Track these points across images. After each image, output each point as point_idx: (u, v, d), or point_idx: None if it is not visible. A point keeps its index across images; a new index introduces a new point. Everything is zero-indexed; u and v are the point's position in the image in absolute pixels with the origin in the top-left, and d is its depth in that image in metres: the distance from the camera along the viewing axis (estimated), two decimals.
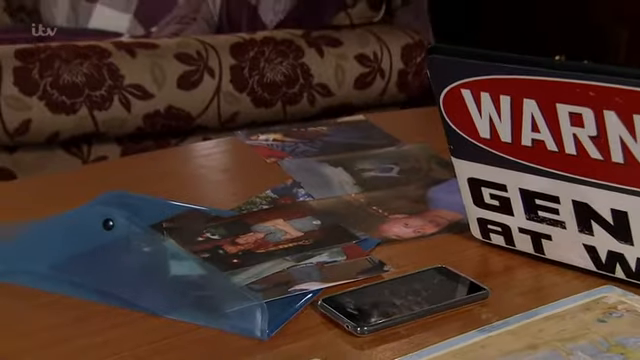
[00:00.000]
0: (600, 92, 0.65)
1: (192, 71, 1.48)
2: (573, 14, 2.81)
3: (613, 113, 0.65)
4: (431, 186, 0.94)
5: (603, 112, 0.65)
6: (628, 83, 0.63)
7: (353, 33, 1.65)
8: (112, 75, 1.43)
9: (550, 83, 0.67)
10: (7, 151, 1.43)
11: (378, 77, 1.63)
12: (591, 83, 0.65)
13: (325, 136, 1.10)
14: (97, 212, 0.72)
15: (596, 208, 0.71)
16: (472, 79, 0.71)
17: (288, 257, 0.77)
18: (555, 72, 0.67)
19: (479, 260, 0.80)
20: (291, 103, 1.55)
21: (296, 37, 1.59)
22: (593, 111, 0.66)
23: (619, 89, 0.63)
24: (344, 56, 1.60)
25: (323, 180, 0.95)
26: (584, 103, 0.66)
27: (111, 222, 0.70)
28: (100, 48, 1.45)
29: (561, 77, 0.66)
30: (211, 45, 1.52)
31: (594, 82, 0.65)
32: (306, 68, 1.56)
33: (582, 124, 0.67)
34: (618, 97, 0.64)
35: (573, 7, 2.81)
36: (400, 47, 1.66)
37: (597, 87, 0.65)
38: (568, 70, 0.66)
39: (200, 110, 1.49)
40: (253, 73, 1.52)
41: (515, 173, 0.74)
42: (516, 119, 0.71)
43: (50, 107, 1.38)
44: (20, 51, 1.39)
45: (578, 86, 0.66)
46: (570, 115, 0.67)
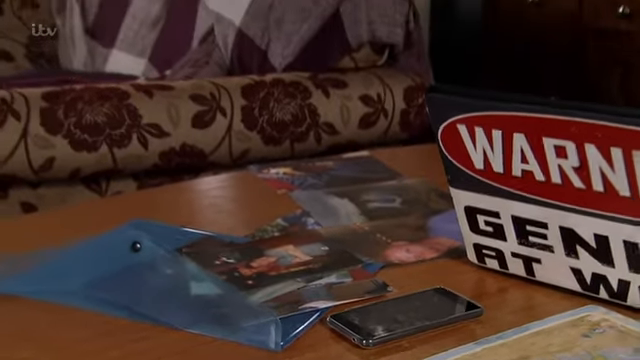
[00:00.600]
0: (581, 127, 0.71)
1: (205, 111, 1.55)
2: (569, 57, 2.88)
3: (593, 146, 0.71)
4: (431, 216, 1.00)
5: (584, 145, 0.71)
6: (606, 119, 0.69)
7: (358, 75, 1.72)
8: (131, 115, 1.49)
9: (537, 119, 0.73)
10: (31, 187, 1.49)
11: (381, 117, 1.69)
12: (573, 119, 0.71)
13: (332, 170, 1.16)
14: (125, 235, 0.78)
15: (580, 233, 0.77)
16: (467, 115, 0.77)
17: (298, 279, 0.83)
18: (541, 109, 0.73)
19: (475, 282, 0.85)
20: (299, 141, 1.62)
21: (304, 79, 1.66)
22: (575, 144, 0.72)
23: (598, 125, 0.70)
24: (349, 97, 1.66)
25: (330, 210, 1.01)
26: (567, 137, 0.72)
27: (138, 244, 0.76)
28: (120, 90, 1.52)
29: (547, 114, 0.73)
30: (223, 87, 1.59)
31: (576, 118, 0.71)
32: (313, 108, 1.62)
33: (566, 156, 0.73)
34: (597, 132, 0.70)
35: (569, 51, 2.89)
36: (402, 89, 1.73)
37: (579, 123, 0.71)
38: (553, 107, 0.72)
39: (213, 147, 1.56)
40: (263, 113, 1.58)
41: (507, 201, 0.79)
42: (507, 151, 0.77)
43: (73, 145, 1.45)
44: (46, 93, 1.46)
45: (562, 122, 0.72)
46: (555, 148, 0.73)
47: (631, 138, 0.68)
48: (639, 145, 0.68)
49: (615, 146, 0.69)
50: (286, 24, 1.72)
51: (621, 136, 0.68)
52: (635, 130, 0.67)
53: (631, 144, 0.68)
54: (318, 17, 1.68)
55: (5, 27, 2.67)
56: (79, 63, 2.68)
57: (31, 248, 0.83)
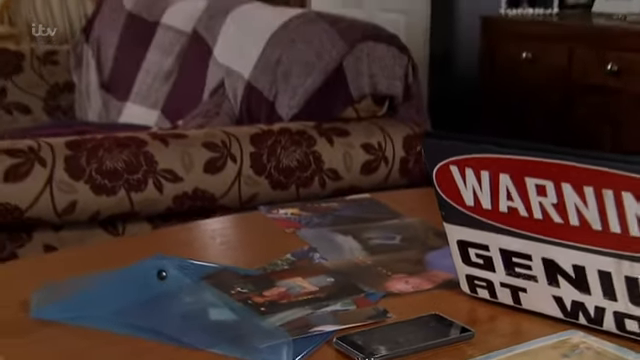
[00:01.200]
0: (558, 168, 0.79)
1: (217, 157, 1.64)
2: (560, 112, 2.98)
3: (569, 185, 0.79)
4: (428, 252, 1.08)
5: (561, 184, 0.79)
6: (578, 162, 0.78)
7: (360, 125, 1.80)
8: (148, 161, 1.58)
9: (520, 161, 0.82)
10: (54, 229, 1.57)
11: (382, 164, 1.78)
12: (551, 161, 0.80)
13: (336, 211, 1.24)
14: (152, 265, 0.86)
15: (560, 264, 0.84)
16: (458, 158, 0.86)
17: (307, 306, 0.90)
18: (523, 152, 0.82)
19: (468, 310, 0.93)
20: (304, 186, 1.70)
21: (309, 128, 1.75)
22: (553, 183, 0.80)
23: (572, 166, 0.78)
24: (352, 145, 1.75)
25: (335, 246, 1.09)
26: (546, 177, 0.80)
27: (164, 273, 0.84)
28: (138, 138, 1.61)
29: (528, 156, 0.81)
30: (234, 135, 1.68)
31: (554, 160, 0.79)
32: (318, 155, 1.71)
33: (545, 194, 0.81)
34: (572, 172, 0.78)
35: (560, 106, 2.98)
36: (402, 138, 1.81)
37: (556, 164, 0.79)
38: (533, 151, 0.81)
39: (223, 192, 1.64)
40: (271, 159, 1.67)
41: (495, 235, 0.88)
42: (494, 190, 0.85)
43: (94, 190, 1.53)
44: (70, 142, 1.55)
45: (541, 163, 0.80)
46: (536, 186, 0.82)
47: (601, 178, 0.76)
48: (608, 184, 0.76)
49: (587, 185, 0.77)
50: (292, 77, 1.82)
51: (592, 176, 0.77)
52: (604, 171, 0.76)
53: (601, 183, 0.77)
54: (322, 71, 1.78)
55: (25, 83, 2.78)
56: (94, 115, 2.78)
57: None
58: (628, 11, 2.94)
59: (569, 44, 2.93)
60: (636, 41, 2.70)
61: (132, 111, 2.58)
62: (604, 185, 0.76)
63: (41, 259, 1.27)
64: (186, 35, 2.39)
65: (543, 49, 3.03)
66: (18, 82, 2.79)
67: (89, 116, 2.81)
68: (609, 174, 0.76)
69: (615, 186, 0.76)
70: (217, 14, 2.26)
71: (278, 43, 1.89)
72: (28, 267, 1.10)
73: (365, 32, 1.83)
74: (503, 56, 3.24)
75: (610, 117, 2.79)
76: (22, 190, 1.48)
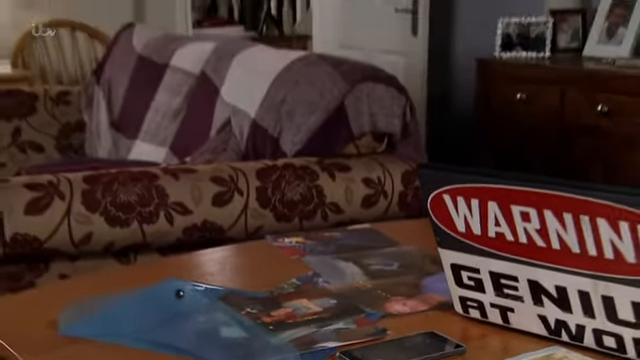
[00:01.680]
0: (540, 197, 0.86)
1: (224, 191, 1.71)
2: (554, 151, 3.05)
3: (550, 212, 0.86)
4: (424, 277, 1.14)
5: (543, 211, 0.87)
6: (558, 190, 0.85)
7: (360, 161, 1.88)
8: (159, 195, 1.65)
9: (506, 190, 0.89)
10: (70, 259, 1.64)
11: (382, 198, 1.85)
12: (534, 190, 0.87)
13: (338, 239, 1.31)
14: (170, 286, 0.93)
15: (544, 285, 0.91)
16: (450, 187, 0.93)
17: (312, 325, 0.97)
18: (509, 182, 0.89)
19: (460, 329, 0.99)
20: (307, 219, 1.77)
21: (312, 164, 1.82)
22: (536, 210, 0.87)
23: (552, 194, 0.85)
24: (352, 179, 1.82)
25: (337, 271, 1.16)
26: (530, 204, 0.87)
27: (182, 292, 0.91)
28: (150, 173, 1.68)
29: (513, 186, 0.88)
30: (240, 170, 1.75)
31: (536, 189, 0.87)
32: (320, 189, 1.78)
33: (529, 220, 0.88)
34: (552, 200, 0.85)
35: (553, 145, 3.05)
36: (400, 173, 1.88)
37: (538, 193, 0.86)
38: (518, 181, 0.88)
39: (230, 223, 1.71)
40: (275, 193, 1.74)
41: (485, 259, 0.94)
42: (483, 217, 0.92)
43: (108, 222, 1.60)
44: (87, 176, 1.62)
45: (525, 192, 0.87)
46: (521, 213, 0.89)
47: (578, 205, 0.83)
48: (585, 211, 0.83)
49: (567, 212, 0.85)
50: (296, 115, 1.90)
51: (571, 204, 0.84)
52: (581, 199, 0.83)
53: (579, 210, 0.84)
54: (324, 109, 1.86)
55: (39, 123, 2.86)
56: (104, 153, 2.85)
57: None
58: (617, 55, 3.03)
59: (561, 86, 3.01)
60: (624, 84, 2.79)
61: (141, 149, 2.65)
62: (581, 212, 0.83)
63: (63, 283, 1.34)
64: (194, 76, 2.47)
65: (536, 91, 3.12)
66: (32, 122, 2.87)
67: (99, 154, 2.88)
68: (585, 202, 0.83)
69: (591, 213, 0.83)
70: (224, 57, 2.34)
71: (282, 83, 1.98)
72: (51, 291, 1.17)
73: (365, 73, 1.92)
74: (498, 97, 3.32)
75: (601, 156, 2.86)
76: (42, 222, 1.55)
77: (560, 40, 3.32)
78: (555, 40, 3.30)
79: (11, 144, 2.83)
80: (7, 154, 2.82)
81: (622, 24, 3.06)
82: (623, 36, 3.05)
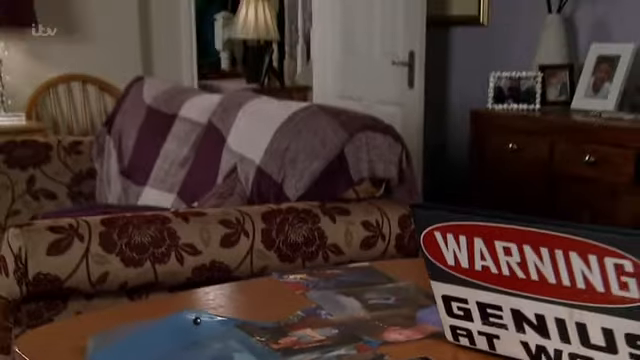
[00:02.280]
0: (520, 233, 0.96)
1: (232, 233, 1.80)
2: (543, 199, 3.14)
3: (529, 246, 0.95)
4: (419, 309, 1.23)
5: (522, 246, 0.96)
6: (535, 227, 0.94)
7: (359, 205, 1.97)
8: (171, 236, 1.74)
9: (490, 227, 0.98)
10: (86, 298, 1.72)
11: (380, 240, 1.94)
12: (514, 227, 0.96)
13: (339, 276, 1.40)
14: (189, 314, 1.01)
15: (525, 313, 1.00)
16: (441, 225, 1.02)
17: (316, 352, 1.05)
18: (492, 220, 0.98)
19: (451, 355, 1.07)
20: (309, 259, 1.85)
21: (314, 207, 1.91)
22: (517, 245, 0.96)
23: (531, 231, 0.94)
24: (352, 222, 1.91)
25: (339, 305, 1.24)
26: (510, 240, 0.96)
27: (199, 319, 0.99)
28: (162, 216, 1.78)
29: (496, 223, 0.98)
30: (247, 213, 1.85)
31: (516, 226, 0.96)
32: (321, 232, 1.87)
33: (511, 254, 0.97)
34: (530, 236, 0.95)
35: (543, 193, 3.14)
36: (398, 216, 1.98)
37: (518, 230, 0.96)
38: (500, 219, 0.97)
39: (237, 264, 1.79)
40: (279, 235, 1.83)
41: (472, 290, 1.03)
42: (470, 252, 1.01)
43: (123, 262, 1.68)
44: (104, 220, 1.72)
45: (506, 229, 0.97)
46: (503, 248, 0.98)
47: (553, 241, 0.93)
48: (558, 246, 0.92)
49: (543, 247, 0.94)
50: (299, 162, 2.00)
51: (546, 239, 0.93)
52: (555, 235, 0.92)
53: (553, 245, 0.93)
54: (326, 157, 1.96)
55: (52, 171, 2.96)
56: (113, 199, 2.93)
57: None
58: (603, 109, 3.13)
59: (550, 137, 3.10)
60: (610, 135, 2.88)
61: (150, 195, 2.74)
62: (556, 246, 0.93)
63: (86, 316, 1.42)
64: (202, 126, 2.57)
65: (527, 141, 3.21)
66: (46, 170, 2.97)
67: (109, 200, 2.96)
68: (559, 237, 0.92)
69: (564, 247, 0.92)
70: (230, 107, 2.45)
71: (286, 132, 2.08)
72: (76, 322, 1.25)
73: (364, 123, 2.02)
74: (491, 146, 3.41)
75: (589, 203, 2.93)
76: (62, 262, 1.64)
77: (549, 94, 3.42)
78: (544, 93, 3.40)
79: (26, 192, 2.92)
80: (22, 201, 2.91)
81: (607, 79, 3.18)
82: (608, 91, 3.16)
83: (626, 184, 2.79)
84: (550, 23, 3.43)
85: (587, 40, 3.41)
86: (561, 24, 3.42)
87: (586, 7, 3.46)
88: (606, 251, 0.88)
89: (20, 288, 1.61)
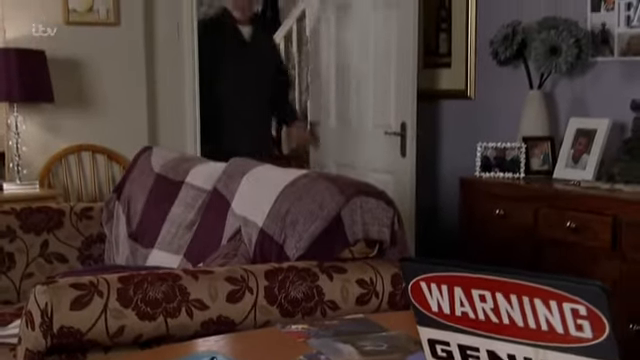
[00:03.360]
0: (493, 282, 1.09)
1: (237, 289, 1.92)
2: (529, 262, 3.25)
3: (500, 294, 1.09)
4: (409, 355, 1.35)
5: (495, 293, 1.09)
6: (506, 277, 1.08)
7: (355, 264, 2.10)
8: (181, 292, 1.87)
9: (468, 277, 1.12)
10: (104, 351, 1.83)
11: (373, 297, 2.06)
12: (488, 277, 1.10)
13: (337, 326, 1.52)
14: (204, 356, 1.14)
15: (499, 354, 1.12)
16: (426, 276, 1.16)
17: None
18: (469, 271, 1.12)
19: None
20: (308, 314, 1.97)
21: (312, 266, 2.04)
22: (490, 293, 1.10)
23: (502, 280, 1.08)
24: (348, 280, 2.04)
25: (337, 351, 1.37)
26: (485, 288, 1.10)
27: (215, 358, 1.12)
28: (174, 273, 1.91)
29: (473, 274, 1.11)
30: (251, 271, 1.98)
31: (490, 277, 1.10)
32: (320, 289, 2.00)
33: (486, 301, 1.11)
34: (502, 285, 1.08)
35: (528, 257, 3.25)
36: (390, 275, 2.10)
37: (492, 280, 1.09)
38: (476, 270, 1.11)
39: (242, 318, 1.91)
40: (281, 291, 1.96)
41: (453, 334, 1.16)
42: (451, 299, 1.14)
43: (139, 316, 1.80)
44: (121, 277, 1.85)
45: (481, 279, 1.10)
46: (479, 296, 1.11)
47: (520, 289, 1.06)
48: (525, 293, 1.06)
49: (513, 294, 1.07)
50: (299, 225, 2.14)
51: (515, 288, 1.07)
52: (522, 284, 1.06)
53: (521, 292, 1.06)
54: (324, 219, 2.10)
55: (64, 236, 3.07)
56: (121, 261, 3.03)
57: None
58: (582, 178, 3.28)
59: (534, 204, 3.23)
60: (588, 203, 3.00)
61: (157, 257, 2.86)
62: (523, 294, 1.06)
63: None
64: (207, 192, 2.71)
65: (512, 207, 3.35)
66: (59, 235, 3.07)
67: (117, 262, 3.08)
68: (525, 286, 1.06)
69: (530, 294, 1.05)
70: (234, 174, 2.60)
71: (287, 197, 2.22)
72: None
73: (359, 188, 2.17)
74: (479, 212, 3.54)
75: (570, 267, 3.05)
76: (83, 316, 1.76)
77: (533, 163, 3.57)
78: (528, 163, 3.55)
79: (39, 255, 3.02)
80: (35, 265, 3.01)
81: (585, 151, 3.34)
82: (587, 162, 3.31)
83: (604, 249, 2.91)
84: (532, 98, 3.62)
85: (566, 114, 3.59)
86: (542, 99, 3.61)
87: (564, 84, 3.65)
88: (564, 297, 1.02)
89: (45, 341, 1.73)
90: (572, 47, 3.38)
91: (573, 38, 3.38)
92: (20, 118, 3.88)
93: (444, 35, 4.32)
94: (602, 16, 3.41)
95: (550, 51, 3.44)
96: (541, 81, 3.60)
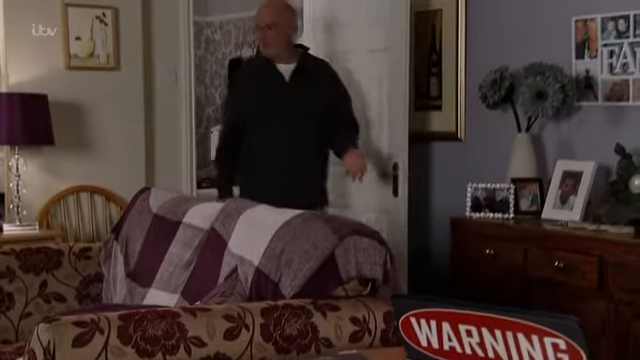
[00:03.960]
0: (479, 318, 1.15)
1: (234, 327, 1.96)
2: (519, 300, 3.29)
3: (485, 329, 1.14)
4: None
5: (481, 328, 1.15)
6: (489, 312, 1.13)
7: (348, 302, 2.14)
8: (180, 330, 1.90)
9: (455, 313, 1.17)
10: None
11: (366, 334, 2.09)
12: (474, 313, 1.15)
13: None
14: None
15: None
16: (415, 312, 1.21)
17: None
18: (457, 307, 1.17)
19: None
20: (303, 351, 2.00)
21: (307, 304, 2.08)
22: (476, 328, 1.15)
23: (487, 316, 1.14)
24: (341, 318, 2.07)
25: None
26: (471, 324, 1.16)
27: None
28: (173, 311, 1.95)
29: (459, 310, 1.17)
30: (247, 309, 2.02)
31: (475, 312, 1.15)
32: (314, 326, 2.04)
33: (472, 335, 1.16)
34: (487, 320, 1.14)
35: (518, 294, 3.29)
36: (383, 313, 2.14)
37: (477, 315, 1.15)
38: (462, 306, 1.17)
39: (238, 355, 1.94)
40: (276, 329, 1.99)
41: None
42: (439, 334, 1.20)
43: (138, 353, 1.83)
44: (121, 315, 1.89)
45: (468, 315, 1.16)
46: (466, 331, 1.17)
47: (504, 324, 1.12)
48: (509, 328, 1.11)
49: (497, 329, 1.13)
50: (294, 263, 2.18)
51: (499, 323, 1.12)
52: (505, 319, 1.11)
53: (505, 327, 1.12)
54: (318, 258, 2.14)
55: (63, 276, 3.07)
56: (119, 301, 3.05)
57: None
58: (569, 219, 3.34)
59: (523, 244, 3.29)
60: (576, 244, 3.06)
61: (154, 296, 2.87)
62: (507, 329, 1.12)
63: None
64: (204, 231, 2.75)
65: (502, 247, 3.40)
66: (57, 275, 3.06)
67: (114, 302, 3.10)
68: (509, 321, 1.11)
69: (513, 329, 1.11)
70: (231, 214, 2.64)
71: (282, 236, 2.27)
72: None
73: (352, 228, 2.22)
74: (470, 251, 3.59)
75: (558, 305, 3.08)
76: (85, 354, 1.78)
77: (521, 204, 3.63)
78: (517, 204, 3.61)
79: (38, 295, 3.02)
80: (34, 304, 3.00)
81: (572, 193, 3.40)
82: (574, 203, 3.37)
83: (591, 289, 2.96)
84: (520, 141, 3.70)
85: (553, 156, 3.67)
86: (530, 142, 3.69)
87: (551, 127, 3.74)
88: (545, 332, 1.07)
89: None
90: (558, 92, 3.47)
91: (559, 83, 3.47)
92: (21, 160, 3.94)
93: (435, 79, 4.42)
94: (586, 63, 3.50)
95: (537, 96, 3.53)
96: (529, 124, 3.68)
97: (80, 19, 4.12)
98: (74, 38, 4.14)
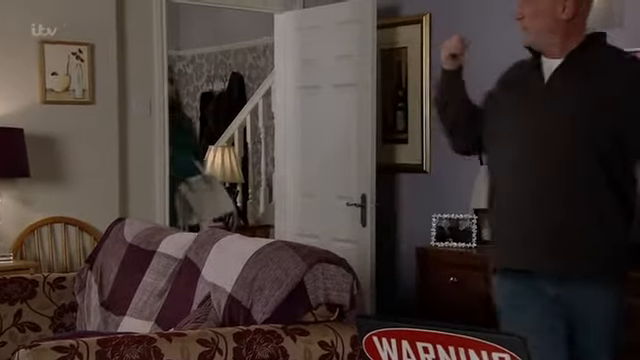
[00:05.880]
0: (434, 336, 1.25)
1: (208, 351, 2.03)
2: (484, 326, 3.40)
3: (440, 346, 1.24)
4: None
5: (436, 345, 1.24)
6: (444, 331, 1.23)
7: (317, 327, 2.21)
8: (156, 354, 1.97)
9: (413, 332, 1.27)
10: None
11: (334, 358, 2.17)
12: (430, 331, 1.25)
13: None
14: None
15: None
16: (377, 331, 1.31)
17: None
18: (414, 327, 1.27)
19: None
20: None
21: (277, 329, 2.16)
22: (432, 345, 1.25)
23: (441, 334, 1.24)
24: (311, 342, 2.14)
25: None
26: (428, 341, 1.25)
27: None
28: (149, 337, 2.02)
29: (417, 329, 1.27)
30: (221, 334, 2.09)
31: (431, 330, 1.25)
32: (284, 350, 2.11)
33: (429, 352, 1.26)
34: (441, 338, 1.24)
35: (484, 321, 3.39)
36: (350, 337, 2.22)
37: (433, 333, 1.25)
38: (419, 326, 1.27)
39: None
40: (248, 352, 2.07)
41: None
42: (399, 351, 1.29)
43: None
44: (100, 340, 1.95)
45: (425, 333, 1.26)
46: (423, 348, 1.26)
47: (457, 341, 1.22)
48: (461, 344, 1.21)
49: (450, 345, 1.23)
50: (265, 290, 2.27)
51: (452, 340, 1.22)
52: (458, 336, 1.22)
53: (457, 344, 1.22)
54: (288, 285, 2.23)
55: (37, 305, 3.11)
56: (93, 329, 3.09)
57: None
58: None
59: (485, 272, 3.39)
60: None
61: (129, 324, 2.92)
62: (459, 345, 1.22)
63: None
64: (178, 260, 2.82)
65: (465, 275, 3.51)
66: (32, 305, 3.09)
67: (88, 329, 3.13)
68: (461, 338, 1.21)
69: (465, 346, 1.21)
70: (205, 243, 2.72)
71: (254, 264, 2.36)
72: None
73: (320, 256, 2.31)
74: (434, 279, 3.70)
75: None
76: None
77: (484, 233, 3.75)
78: (480, 233, 3.74)
79: (12, 325, 3.05)
80: (8, 334, 3.03)
81: None
82: None
83: None
84: (483, 173, 3.82)
85: None
86: None
87: None
88: (493, 348, 1.18)
89: None
90: None
91: None
92: None
93: (401, 113, 4.55)
94: None
95: None
96: None
97: (56, 55, 4.19)
98: (50, 73, 4.20)
